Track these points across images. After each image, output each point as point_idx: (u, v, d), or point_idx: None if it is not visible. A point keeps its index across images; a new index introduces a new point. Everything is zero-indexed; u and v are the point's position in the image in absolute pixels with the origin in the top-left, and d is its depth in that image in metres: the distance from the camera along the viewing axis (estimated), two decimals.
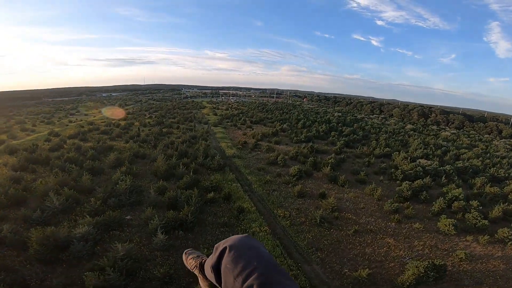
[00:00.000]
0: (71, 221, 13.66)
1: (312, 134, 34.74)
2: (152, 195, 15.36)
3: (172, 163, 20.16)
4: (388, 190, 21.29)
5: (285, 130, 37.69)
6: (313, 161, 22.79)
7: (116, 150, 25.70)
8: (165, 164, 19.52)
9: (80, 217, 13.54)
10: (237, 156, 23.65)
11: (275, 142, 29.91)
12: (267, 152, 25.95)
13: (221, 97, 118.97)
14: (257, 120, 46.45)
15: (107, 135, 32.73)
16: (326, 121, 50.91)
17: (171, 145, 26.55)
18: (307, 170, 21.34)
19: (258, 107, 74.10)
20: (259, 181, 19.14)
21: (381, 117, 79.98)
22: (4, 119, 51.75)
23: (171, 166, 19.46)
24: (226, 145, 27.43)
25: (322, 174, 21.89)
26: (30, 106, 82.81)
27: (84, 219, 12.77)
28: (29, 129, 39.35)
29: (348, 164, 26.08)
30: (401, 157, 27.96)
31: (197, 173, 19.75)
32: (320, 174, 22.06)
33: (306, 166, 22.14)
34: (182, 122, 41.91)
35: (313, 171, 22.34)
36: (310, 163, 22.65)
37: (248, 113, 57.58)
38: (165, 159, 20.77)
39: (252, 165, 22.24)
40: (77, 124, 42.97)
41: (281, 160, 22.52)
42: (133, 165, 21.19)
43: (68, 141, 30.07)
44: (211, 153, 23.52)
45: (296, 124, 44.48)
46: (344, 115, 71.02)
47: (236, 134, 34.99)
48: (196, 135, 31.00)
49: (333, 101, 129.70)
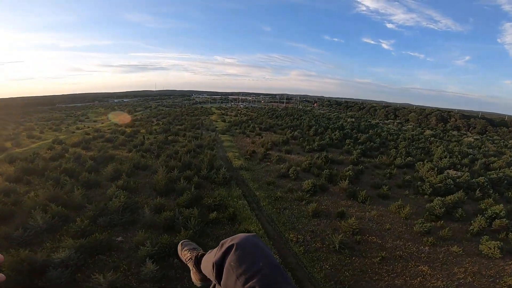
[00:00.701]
0: (56, 241, 12.12)
1: (325, 142, 32.45)
2: (147, 215, 13.58)
3: (174, 176, 18.42)
4: (416, 206, 18.87)
5: (296, 137, 35.55)
6: (329, 174, 20.56)
7: (117, 160, 24.34)
8: (166, 177, 17.79)
9: (65, 238, 12.02)
10: (244, 167, 21.69)
11: (285, 151, 27.83)
12: (277, 163, 23.89)
13: (230, 103, 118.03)
14: (266, 127, 44.51)
15: (111, 143, 31.54)
16: (339, 127, 48.42)
17: (175, 155, 24.94)
18: (322, 185, 19.13)
19: (268, 113, 72.26)
20: (268, 197, 17.07)
21: (397, 122, 76.59)
22: (15, 125, 52.07)
23: (171, 180, 17.71)
24: (233, 155, 25.56)
25: (339, 189, 19.61)
26: (42, 112, 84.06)
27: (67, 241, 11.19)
28: (36, 136, 38.80)
29: (367, 176, 23.67)
30: (426, 167, 25.29)
31: (200, 187, 17.92)
32: (337, 188, 19.80)
33: (321, 180, 19.92)
34: (189, 129, 40.48)
35: (329, 184, 20.11)
36: (325, 176, 20.42)
37: (257, 119, 55.77)
38: (166, 171, 19.08)
39: (261, 178, 20.21)
40: (84, 131, 42.25)
41: (293, 173, 20.41)
42: (132, 177, 19.63)
43: (70, 149, 29.05)
44: (217, 164, 21.69)
45: (307, 131, 42.26)
46: (357, 120, 68.17)
47: (245, 142, 33.12)
48: (202, 143, 29.33)
49: (345, 106, 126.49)
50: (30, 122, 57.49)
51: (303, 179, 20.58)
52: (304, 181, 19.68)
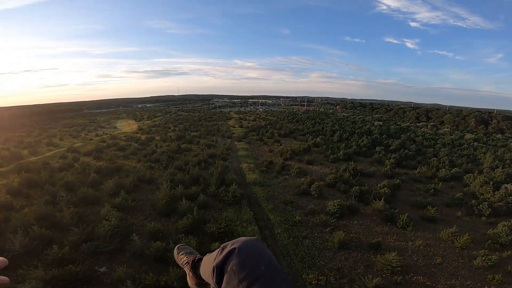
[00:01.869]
0: (31, 268, 10.26)
1: (352, 151, 28.87)
2: (137, 243, 11.34)
3: (178, 193, 16.18)
4: (472, 232, 15.15)
5: (319, 144, 32.23)
6: (359, 191, 17.25)
7: (123, 172, 22.77)
8: (168, 195, 15.59)
9: (40, 265, 10.21)
10: (259, 182, 18.94)
11: (307, 161, 24.72)
12: (297, 176, 20.92)
13: (249, 107, 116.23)
14: (286, 132, 41.52)
15: (123, 151, 30.38)
16: (367, 132, 44.20)
17: (185, 166, 22.88)
18: (351, 205, 15.88)
19: (288, 117, 69.09)
20: (284, 222, 14.18)
21: (430, 125, 69.87)
22: (38, 132, 53.76)
23: (174, 198, 15.47)
24: (248, 167, 22.93)
25: (372, 210, 16.26)
26: (68, 119, 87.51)
27: (35, 272, 9.28)
28: (55, 143, 38.95)
29: (406, 192, 19.98)
30: (479, 181, 21.02)
31: (207, 207, 15.49)
32: (370, 209, 16.45)
33: (349, 199, 16.64)
34: (204, 136, 38.61)
35: (359, 204, 16.81)
36: (354, 194, 17.13)
37: (277, 124, 52.90)
38: (170, 187, 16.93)
39: (277, 196, 17.34)
40: (101, 138, 42.02)
41: (315, 190, 17.35)
42: (134, 193, 17.75)
43: (82, 158, 28.19)
44: (228, 178, 19.21)
45: (331, 137, 38.69)
46: (386, 124, 62.92)
47: (262, 150, 30.43)
48: (215, 153, 27.10)
49: (370, 108, 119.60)
50: (54, 129, 59.24)
51: (328, 197, 17.47)
52: (329, 200, 16.57)
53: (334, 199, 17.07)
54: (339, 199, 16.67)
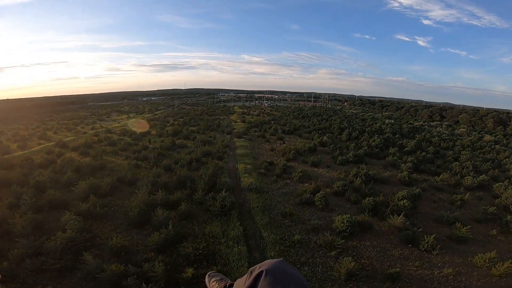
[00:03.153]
0: None
1: (363, 152, 25.97)
2: (91, 264, 8.99)
3: (158, 199, 13.78)
4: (508, 252, 12.46)
5: (326, 143, 29.40)
6: (373, 203, 14.51)
7: (107, 170, 20.54)
8: (145, 201, 13.19)
9: None
10: (255, 188, 16.31)
11: (312, 163, 21.98)
12: (300, 181, 18.26)
13: (254, 101, 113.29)
14: (290, 129, 38.71)
15: (113, 146, 28.20)
16: (378, 130, 41.04)
17: (175, 164, 20.49)
18: (363, 222, 13.18)
19: (293, 113, 66.10)
20: (280, 241, 11.57)
21: (445, 124, 65.93)
22: (37, 124, 52.31)
23: (152, 205, 13.06)
24: (245, 168, 20.32)
25: (389, 227, 13.53)
26: (71, 111, 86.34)
27: None
28: (47, 137, 37.22)
29: (427, 203, 17.13)
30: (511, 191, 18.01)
31: (189, 217, 13.03)
32: (385, 226, 13.72)
33: (362, 214, 13.90)
34: (203, 131, 36.14)
35: (373, 218, 14.10)
36: (367, 206, 14.40)
37: (281, 120, 50.09)
38: (150, 191, 14.55)
39: (275, 205, 14.72)
40: (96, 131, 40.09)
41: (320, 199, 14.66)
42: (111, 196, 15.44)
43: (67, 154, 26.18)
44: (220, 182, 16.69)
45: (339, 136, 35.75)
46: (397, 122, 59.35)
47: (262, 149, 27.79)
48: (211, 150, 24.61)
49: (380, 105, 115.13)
50: (53, 122, 57.80)
51: (335, 209, 14.79)
52: (336, 213, 13.94)
53: (343, 211, 14.42)
54: (348, 212, 14.03)
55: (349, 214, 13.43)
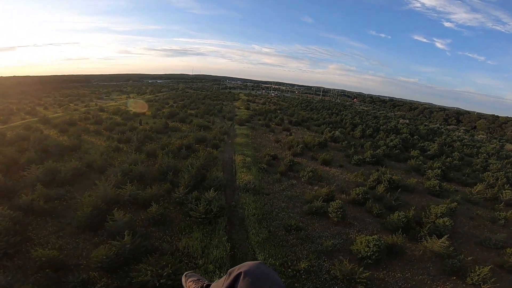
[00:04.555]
0: None
1: (381, 152, 22.45)
2: None
3: (125, 194, 10.63)
4: None
5: (338, 139, 25.90)
6: (404, 220, 11.15)
7: (81, 151, 17.44)
8: (107, 196, 10.04)
9: None
10: (253, 188, 13.01)
11: (323, 161, 18.58)
12: (309, 182, 14.93)
13: (261, 90, 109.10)
14: (298, 120, 35.14)
15: (98, 125, 25.10)
16: (393, 129, 37.30)
17: (161, 150, 17.29)
18: (393, 245, 9.87)
19: (301, 104, 62.23)
20: (281, 269, 8.35)
21: (463, 129, 61.76)
22: (31, 100, 49.63)
23: (113, 203, 9.90)
24: (243, 161, 16.97)
25: (423, 251, 10.24)
26: (72, 88, 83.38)
27: None
28: (34, 112, 34.31)
29: (465, 220, 13.72)
30: None
31: (162, 223, 9.86)
32: (418, 249, 10.43)
33: (394, 236, 10.54)
34: (201, 115, 32.77)
35: (404, 238, 10.77)
36: (398, 223, 11.05)
37: (288, 110, 46.40)
38: (118, 182, 11.40)
39: (276, 214, 11.43)
40: (88, 109, 37.07)
41: (336, 210, 11.34)
42: (72, 185, 12.33)
43: (46, 131, 23.25)
44: (211, 176, 13.44)
45: (351, 132, 32.16)
46: (412, 122, 55.29)
47: (266, 139, 24.40)
48: (206, 136, 21.31)
49: (392, 105, 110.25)
50: (49, 98, 54.98)
51: (353, 223, 11.48)
52: (355, 230, 10.68)
53: (363, 227, 11.12)
54: (369, 227, 10.76)
55: (373, 231, 10.17)
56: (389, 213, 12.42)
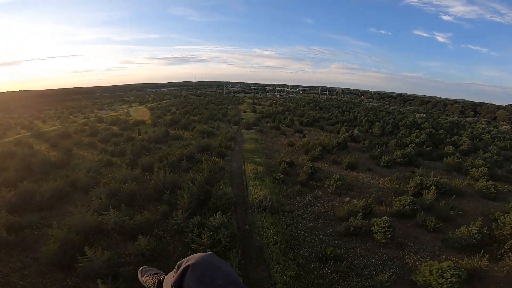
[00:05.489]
0: None
1: (412, 151, 19.58)
2: None
3: (108, 222, 8.23)
4: None
5: (357, 138, 23.14)
6: (478, 236, 8.37)
7: (69, 167, 15.22)
8: (88, 224, 7.65)
9: None
10: (270, 206, 10.39)
11: (347, 165, 15.85)
12: (337, 192, 12.26)
13: (266, 93, 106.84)
14: (309, 120, 32.47)
15: (93, 137, 23.05)
16: (413, 124, 34.25)
17: (159, 162, 14.90)
18: (473, 270, 7.13)
19: (309, 104, 59.51)
20: None
21: (484, 121, 58.02)
22: (32, 113, 48.65)
23: (95, 233, 7.48)
24: (255, 171, 14.37)
25: (508, 271, 7.45)
26: (75, 100, 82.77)
27: None
28: (31, 126, 32.67)
29: None
30: None
31: (155, 260, 7.39)
32: (502, 270, 7.64)
33: (469, 260, 7.79)
34: (205, 121, 30.43)
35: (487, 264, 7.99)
36: (466, 241, 8.28)
37: (297, 110, 43.76)
38: (102, 206, 9.01)
39: (303, 240, 8.72)
40: (87, 120, 35.34)
41: (382, 230, 8.64)
42: (49, 210, 10.02)
43: (37, 146, 21.34)
44: (217, 193, 10.91)
45: (369, 129, 29.33)
46: (430, 117, 51.96)
47: (277, 143, 21.82)
48: (211, 144, 18.87)
49: (402, 100, 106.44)
50: (50, 111, 53.88)
51: (407, 243, 8.72)
52: (412, 252, 8.00)
53: (421, 247, 8.42)
54: (428, 246, 8.05)
55: (434, 252, 7.47)
56: (447, 226, 9.70)
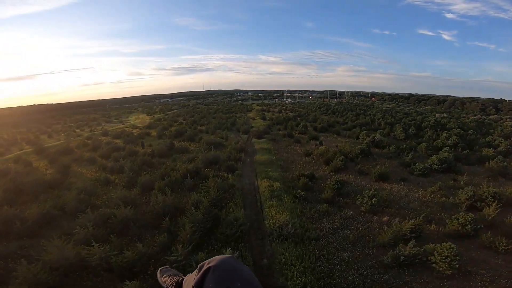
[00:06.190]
0: None
1: (450, 155, 17.11)
2: None
3: (92, 257, 6.37)
4: None
5: (381, 144, 20.82)
6: None
7: (62, 188, 13.63)
8: (67, 261, 5.80)
9: None
10: (292, 234, 8.29)
11: (378, 176, 13.62)
12: (372, 210, 10.05)
13: (274, 99, 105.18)
14: (324, 126, 30.29)
15: (95, 152, 21.68)
16: (437, 125, 31.53)
17: (161, 180, 13.11)
18: None
19: (320, 108, 57.26)
20: None
21: (507, 118, 54.22)
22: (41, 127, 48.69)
23: (77, 270, 5.61)
24: (270, 188, 12.30)
25: None
26: (84, 113, 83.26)
27: None
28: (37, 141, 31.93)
29: None
30: None
31: None
32: None
33: None
34: (212, 130, 28.70)
35: None
36: None
37: (309, 116, 41.62)
38: (84, 237, 7.19)
39: (339, 276, 6.42)
40: (91, 134, 34.41)
41: (446, 260, 6.44)
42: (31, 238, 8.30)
43: (36, 163, 20.14)
44: (228, 219, 8.93)
45: (391, 133, 26.89)
46: (451, 116, 48.80)
47: (292, 153, 19.75)
48: (219, 156, 16.98)
49: (416, 100, 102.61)
50: (58, 125, 53.79)
51: (476, 271, 6.45)
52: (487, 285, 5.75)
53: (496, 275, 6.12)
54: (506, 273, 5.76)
55: None
56: None
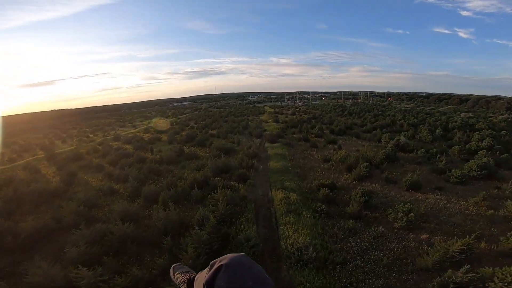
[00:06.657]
0: None
1: (491, 160, 15.15)
2: None
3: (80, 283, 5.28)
4: None
5: (407, 147, 18.98)
6: None
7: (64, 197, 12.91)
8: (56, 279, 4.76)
9: None
10: (314, 259, 7.00)
11: (409, 185, 11.99)
12: (407, 227, 8.52)
13: (287, 101, 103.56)
14: (341, 128, 28.56)
15: (104, 158, 21.18)
16: (466, 125, 29.10)
17: (168, 190, 12.09)
18: None
19: (335, 110, 55.24)
20: None
21: None
22: (57, 133, 49.78)
23: None
24: (286, 200, 10.91)
25: None
26: (100, 118, 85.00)
27: None
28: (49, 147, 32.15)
29: None
30: None
31: None
32: None
33: None
34: (224, 135, 27.67)
35: None
36: None
37: (324, 118, 39.89)
38: (76, 256, 6.14)
39: None
40: (103, 139, 34.38)
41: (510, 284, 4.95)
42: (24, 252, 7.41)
43: (45, 170, 19.87)
44: (238, 238, 7.71)
45: (416, 134, 24.86)
46: (477, 115, 45.62)
47: (309, 158, 18.27)
48: (230, 163, 15.81)
49: (437, 99, 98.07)
50: (74, 130, 54.82)
51: None
52: None
53: None
54: None
55: None
56: None
